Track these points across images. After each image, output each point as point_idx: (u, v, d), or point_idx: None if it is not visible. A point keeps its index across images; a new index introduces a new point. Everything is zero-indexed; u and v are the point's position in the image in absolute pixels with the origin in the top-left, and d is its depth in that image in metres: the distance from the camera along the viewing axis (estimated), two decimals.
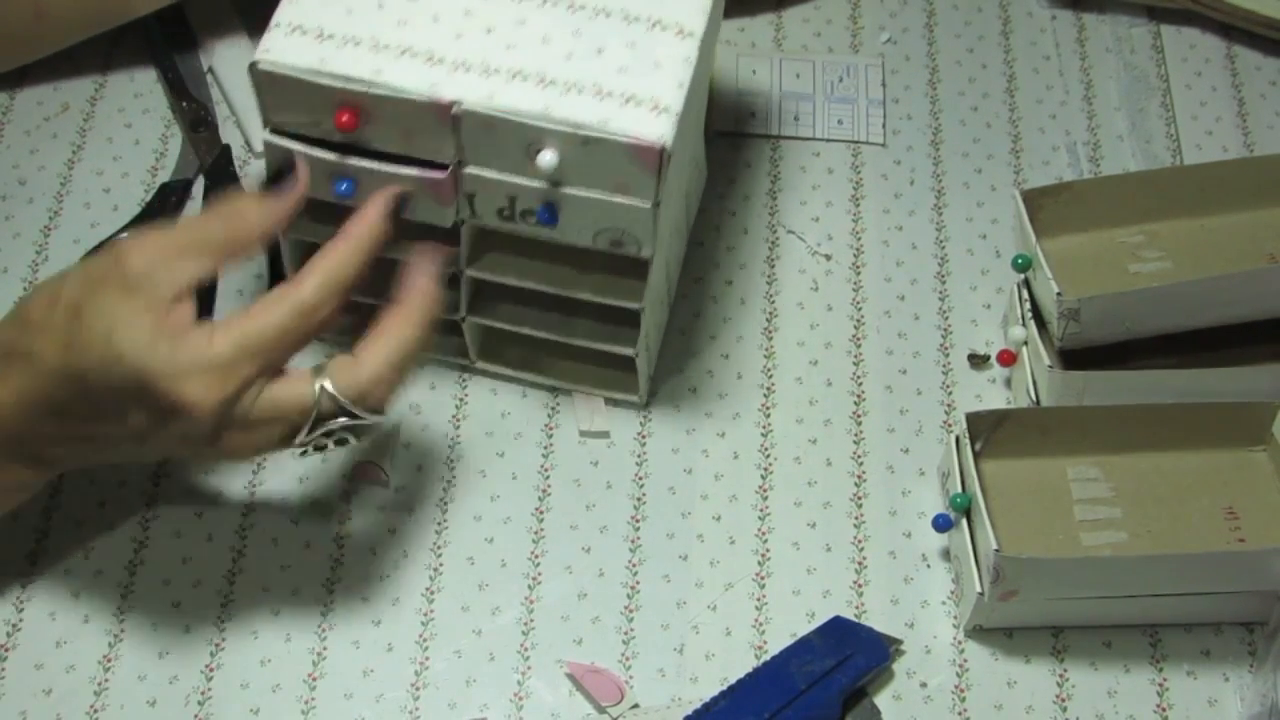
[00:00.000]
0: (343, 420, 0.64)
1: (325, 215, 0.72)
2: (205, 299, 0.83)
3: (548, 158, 0.67)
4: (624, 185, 0.68)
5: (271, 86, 0.68)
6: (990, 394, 0.82)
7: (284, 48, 0.68)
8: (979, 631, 0.74)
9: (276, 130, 0.70)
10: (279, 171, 0.70)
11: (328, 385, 0.64)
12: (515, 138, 0.67)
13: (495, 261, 0.75)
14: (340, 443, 0.66)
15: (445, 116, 0.67)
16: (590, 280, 0.74)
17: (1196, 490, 0.75)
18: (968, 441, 0.73)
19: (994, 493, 0.74)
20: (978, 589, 0.71)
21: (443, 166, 0.69)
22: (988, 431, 0.74)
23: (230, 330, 0.62)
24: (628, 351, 0.76)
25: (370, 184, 0.69)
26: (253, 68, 0.68)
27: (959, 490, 0.73)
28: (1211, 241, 0.81)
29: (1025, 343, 0.79)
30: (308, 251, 0.72)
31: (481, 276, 0.75)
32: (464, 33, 0.69)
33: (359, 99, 0.68)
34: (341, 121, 0.68)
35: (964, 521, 0.73)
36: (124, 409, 0.62)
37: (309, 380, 0.64)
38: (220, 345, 0.62)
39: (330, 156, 0.69)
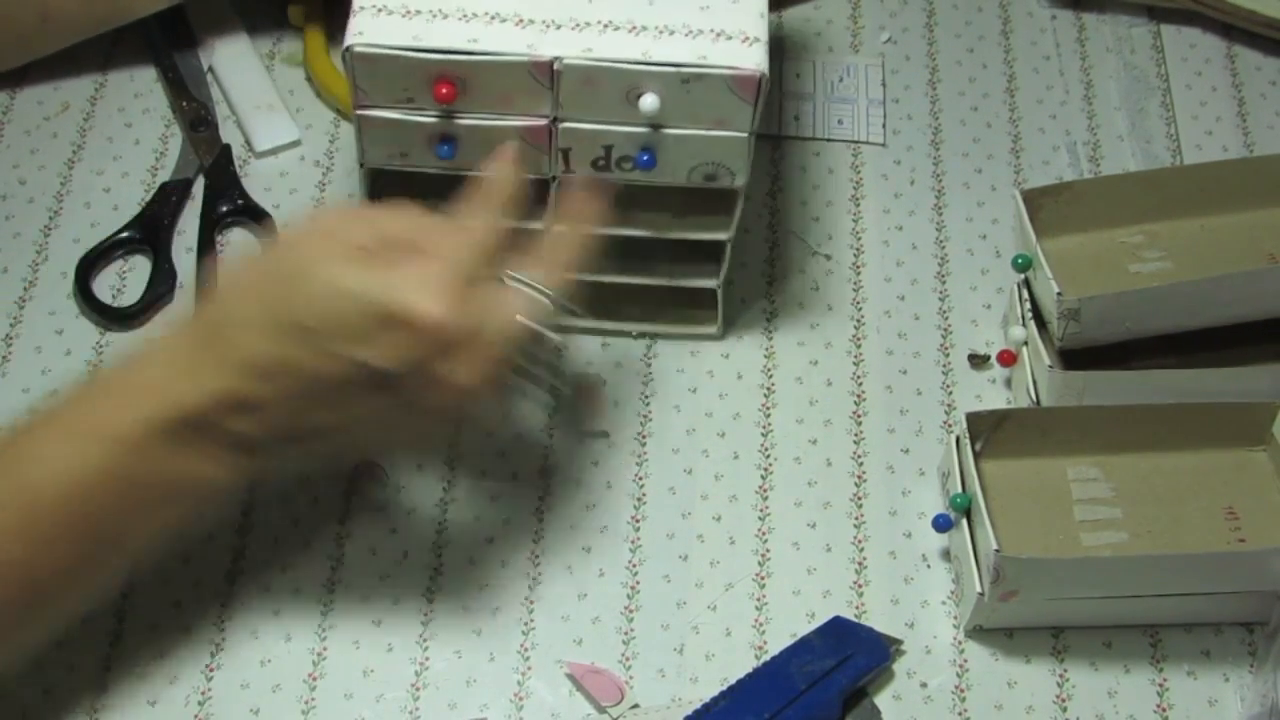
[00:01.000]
0: (545, 320, 0.65)
1: (413, 187, 0.73)
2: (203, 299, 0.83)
3: (650, 101, 0.69)
4: (723, 119, 0.70)
5: (366, 68, 0.69)
6: (990, 394, 0.82)
7: (375, 28, 0.69)
8: (979, 632, 0.74)
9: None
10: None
11: (511, 274, 0.66)
12: (616, 86, 0.69)
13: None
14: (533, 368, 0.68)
15: (545, 74, 0.69)
16: (674, 221, 0.76)
17: (1196, 490, 0.75)
18: (968, 441, 0.73)
19: (994, 493, 0.74)
20: (978, 589, 0.71)
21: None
22: (988, 432, 0.74)
23: (440, 257, 0.62)
24: (711, 284, 0.79)
25: (471, 142, 0.71)
26: (348, 51, 0.69)
27: (959, 490, 0.73)
28: (1212, 241, 0.81)
29: (1025, 343, 0.79)
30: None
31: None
32: None
33: (458, 69, 0.69)
34: (441, 94, 0.69)
35: (964, 521, 0.73)
36: (350, 347, 0.60)
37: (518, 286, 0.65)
38: (435, 265, 0.61)
39: (431, 119, 0.71)
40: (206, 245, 0.85)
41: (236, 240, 0.86)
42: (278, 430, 0.63)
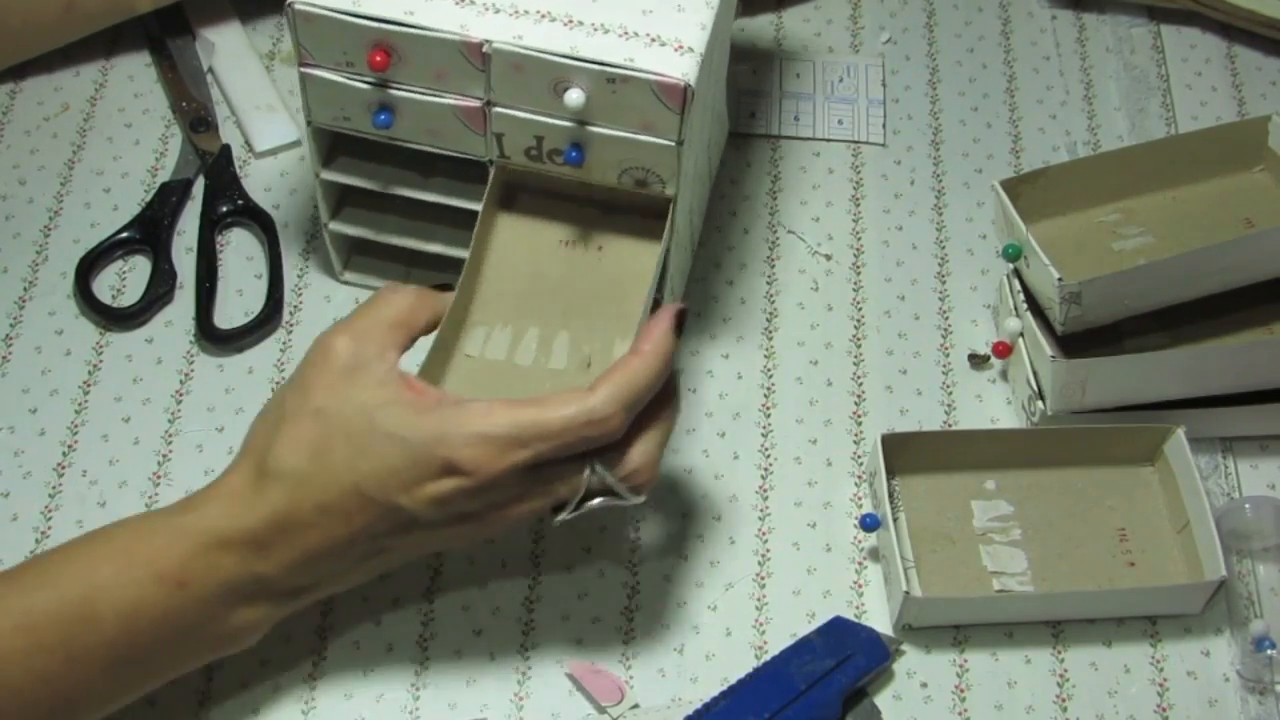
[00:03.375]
0: (603, 500, 0.65)
1: (362, 153, 0.76)
2: (203, 300, 0.83)
3: (575, 96, 0.69)
4: (649, 124, 0.70)
5: (306, 27, 0.70)
6: (990, 394, 0.82)
7: None
8: (979, 632, 0.74)
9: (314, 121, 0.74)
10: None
11: (599, 468, 0.64)
12: (543, 76, 0.69)
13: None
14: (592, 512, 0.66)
15: (476, 55, 0.69)
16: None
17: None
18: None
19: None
20: (904, 588, 0.71)
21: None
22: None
23: (513, 412, 0.62)
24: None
25: (408, 114, 0.72)
26: (288, 8, 0.70)
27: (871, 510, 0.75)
28: (1186, 212, 0.83)
29: (1021, 334, 0.79)
30: (342, 193, 0.79)
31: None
32: None
33: (392, 38, 0.70)
34: (375, 61, 0.70)
35: (890, 520, 0.73)
36: (392, 495, 0.62)
37: (580, 463, 0.64)
38: (500, 420, 0.61)
39: (367, 86, 0.72)
40: (206, 245, 0.85)
41: (236, 240, 0.86)
42: (316, 581, 0.66)
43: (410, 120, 0.73)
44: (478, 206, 0.73)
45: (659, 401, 0.65)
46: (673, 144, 0.70)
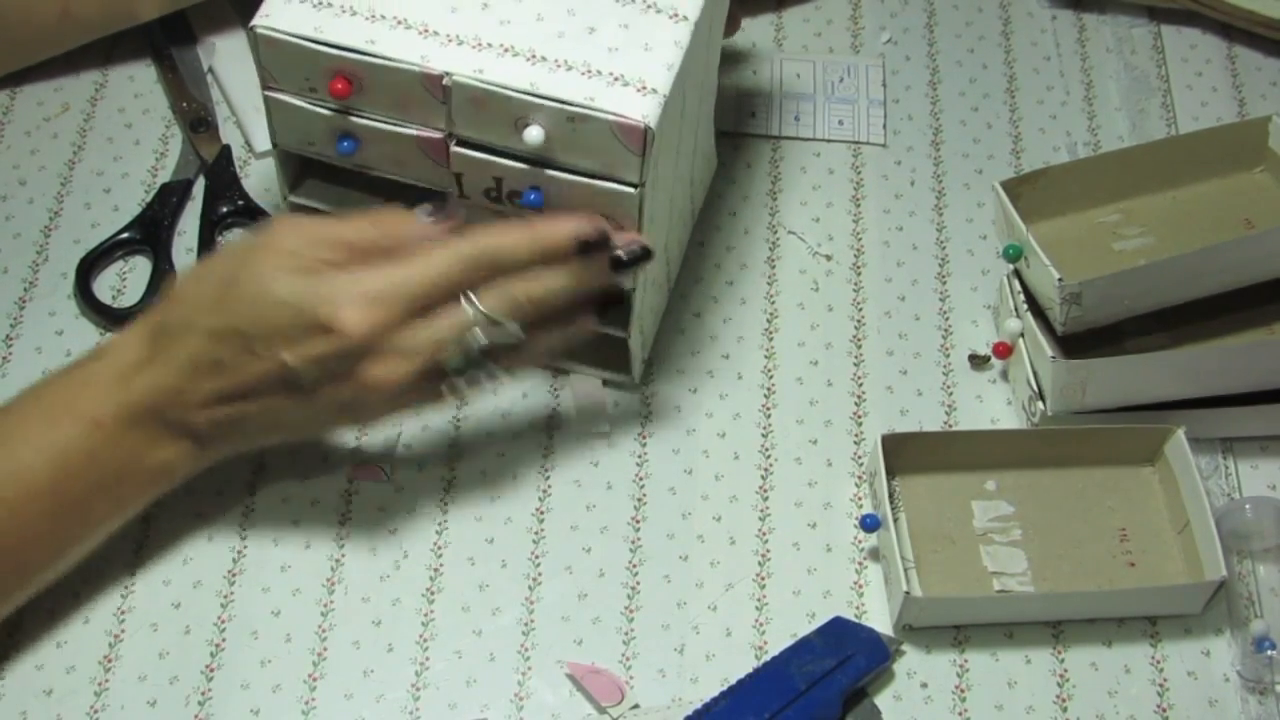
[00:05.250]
0: (481, 330, 0.67)
1: (328, 177, 0.76)
2: None
3: (534, 133, 0.68)
4: (611, 166, 0.69)
5: (268, 51, 0.70)
6: (991, 394, 0.82)
7: (282, 13, 0.70)
8: (979, 632, 0.74)
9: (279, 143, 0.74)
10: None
11: (474, 299, 0.67)
12: (502, 112, 0.69)
13: None
14: (474, 369, 0.68)
15: (436, 87, 0.69)
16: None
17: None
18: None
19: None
20: (904, 588, 0.71)
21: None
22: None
23: (381, 272, 0.66)
24: (620, 333, 0.77)
25: (371, 142, 0.72)
26: (250, 31, 0.70)
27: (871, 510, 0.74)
28: (1186, 212, 0.84)
29: (1022, 334, 0.79)
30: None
31: None
32: (459, 7, 0.71)
33: (352, 67, 0.69)
34: (335, 89, 0.70)
35: (890, 520, 0.73)
36: (275, 349, 0.66)
37: (460, 302, 0.67)
38: (370, 281, 0.66)
39: (330, 112, 0.71)
40: (206, 245, 0.85)
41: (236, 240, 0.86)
42: (220, 422, 0.69)
43: (374, 148, 0.72)
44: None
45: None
46: (633, 190, 0.69)
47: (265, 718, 0.71)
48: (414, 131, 0.71)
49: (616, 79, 0.68)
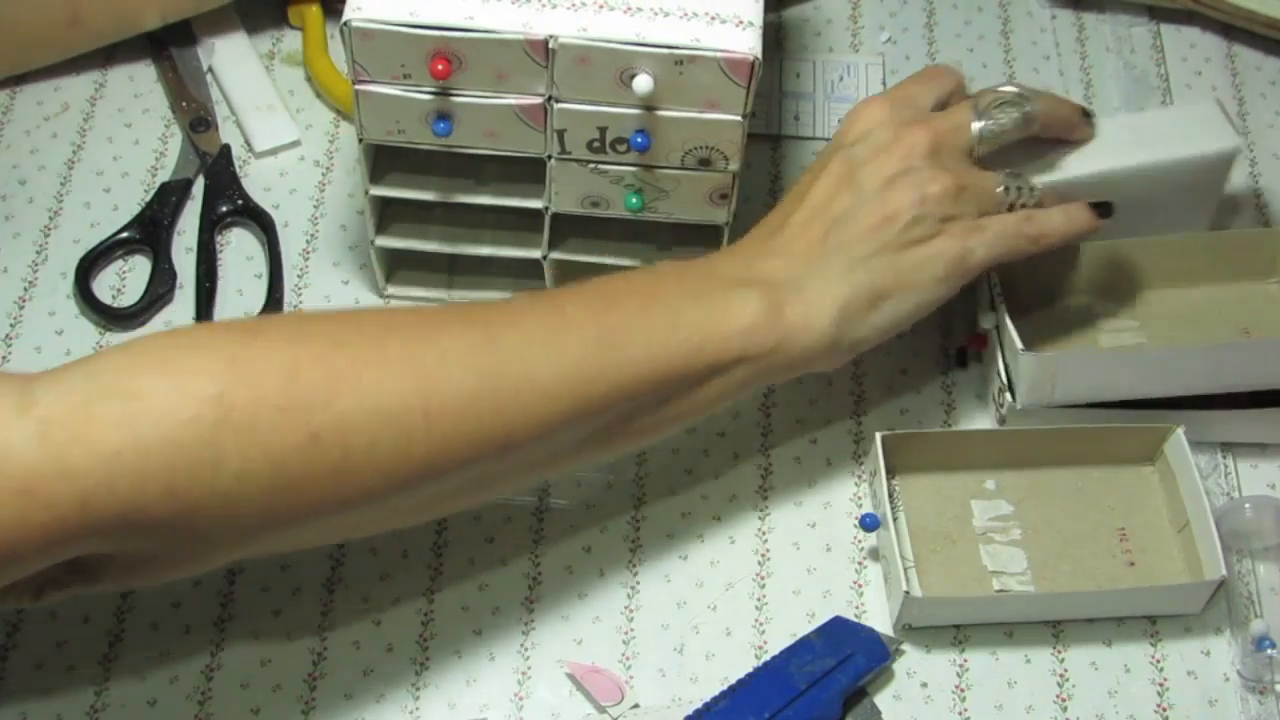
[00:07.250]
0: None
1: (415, 166, 0.76)
2: (203, 300, 0.83)
3: (644, 82, 0.69)
4: (715, 102, 0.71)
5: (364, 44, 0.69)
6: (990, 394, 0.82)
7: (373, 3, 0.69)
8: (979, 632, 0.74)
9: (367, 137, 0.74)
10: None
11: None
12: (610, 66, 0.69)
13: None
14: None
15: (540, 53, 0.69)
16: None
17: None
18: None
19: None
20: (904, 588, 0.71)
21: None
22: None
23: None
24: None
25: (467, 119, 0.72)
26: (344, 27, 0.69)
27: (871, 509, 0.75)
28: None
29: (997, 328, 0.79)
30: (386, 208, 0.79)
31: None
32: None
33: (454, 45, 0.69)
34: (437, 70, 0.69)
35: (890, 520, 0.73)
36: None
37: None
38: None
39: (428, 96, 0.71)
40: (206, 245, 0.85)
41: (236, 240, 0.86)
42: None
43: (468, 125, 0.72)
44: (533, 204, 0.76)
45: None
46: (739, 119, 0.71)
47: (265, 718, 0.71)
48: (513, 100, 0.71)
49: (714, 18, 0.70)
